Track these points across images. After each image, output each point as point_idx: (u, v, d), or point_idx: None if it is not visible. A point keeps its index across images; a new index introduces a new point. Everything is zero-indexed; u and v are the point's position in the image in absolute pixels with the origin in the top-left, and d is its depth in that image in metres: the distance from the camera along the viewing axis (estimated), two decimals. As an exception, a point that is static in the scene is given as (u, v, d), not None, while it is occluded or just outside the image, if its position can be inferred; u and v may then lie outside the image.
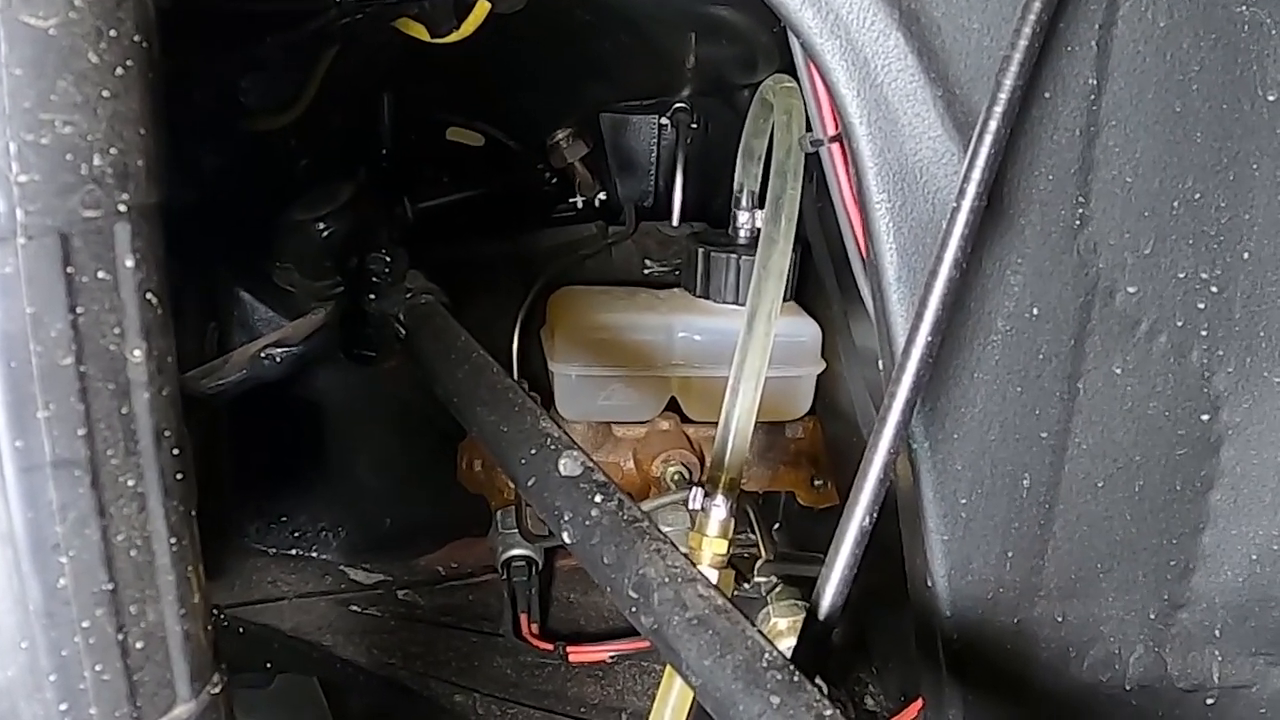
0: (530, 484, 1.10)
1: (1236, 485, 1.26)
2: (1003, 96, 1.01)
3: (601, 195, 2.34)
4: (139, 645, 0.68)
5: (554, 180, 2.34)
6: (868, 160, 1.10)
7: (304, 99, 1.69)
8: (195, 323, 1.95)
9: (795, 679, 0.83)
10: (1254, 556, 1.29)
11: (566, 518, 1.04)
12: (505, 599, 2.09)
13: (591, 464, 1.07)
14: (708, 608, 0.90)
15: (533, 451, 1.11)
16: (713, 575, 1.49)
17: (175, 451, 0.68)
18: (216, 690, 0.74)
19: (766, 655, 0.86)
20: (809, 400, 2.09)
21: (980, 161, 1.01)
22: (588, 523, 1.02)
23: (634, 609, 0.96)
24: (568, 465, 1.06)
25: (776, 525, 2.35)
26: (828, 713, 0.80)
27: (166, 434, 0.67)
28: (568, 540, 1.04)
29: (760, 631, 0.89)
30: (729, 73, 2.06)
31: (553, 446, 1.10)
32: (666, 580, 0.94)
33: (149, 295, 0.66)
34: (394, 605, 2.15)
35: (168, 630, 0.69)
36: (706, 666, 0.87)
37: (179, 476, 0.69)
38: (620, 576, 0.97)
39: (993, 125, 1.00)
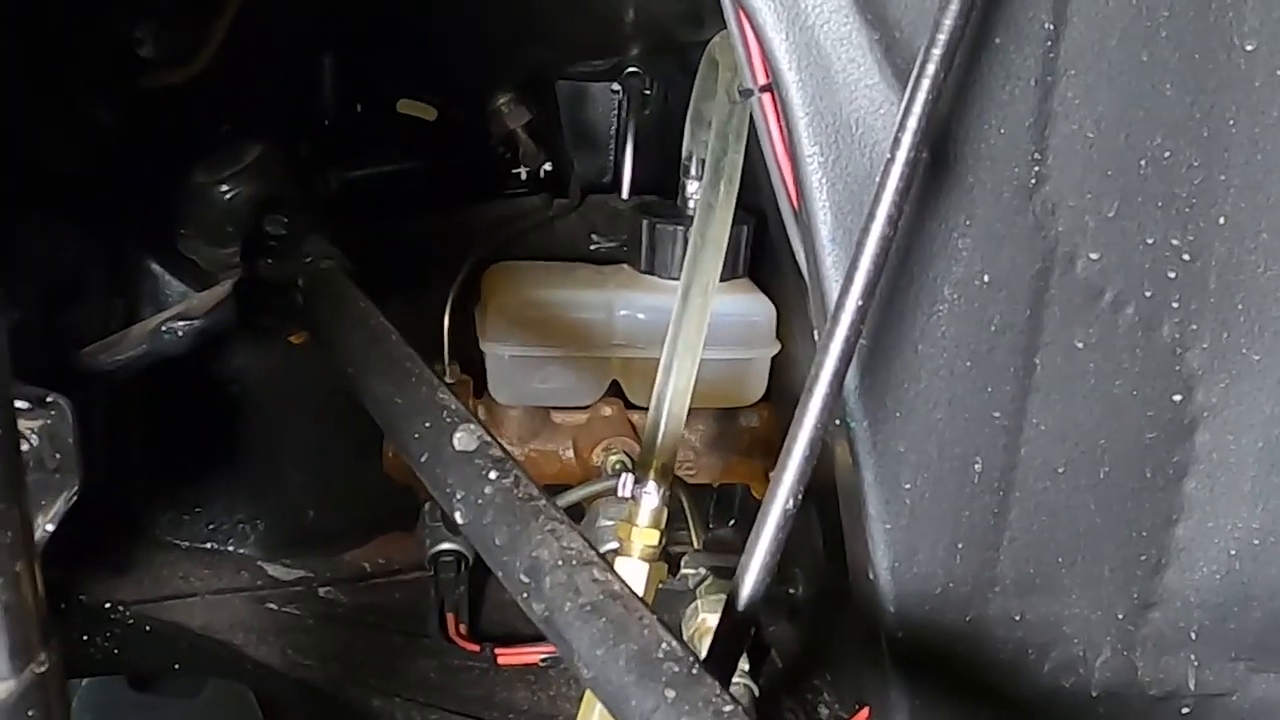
0: (423, 459, 1.08)
1: (1212, 473, 1.24)
2: (941, 38, 0.98)
3: (548, 166, 2.31)
4: (-51, 618, 0.65)
5: (506, 154, 2.31)
6: (799, 110, 1.08)
7: (206, 51, 1.67)
8: (102, 297, 1.91)
9: (694, 671, 0.81)
10: (1232, 551, 1.27)
11: (459, 496, 1.02)
12: (432, 597, 2.07)
13: (489, 438, 1.05)
14: (602, 593, 0.88)
15: (427, 424, 1.09)
16: (642, 569, 1.47)
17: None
18: (43, 669, 0.71)
19: (664, 645, 0.83)
20: (763, 385, 2.07)
21: (916, 109, 0.98)
22: (480, 501, 1.00)
23: (525, 595, 0.94)
24: (463, 439, 1.04)
25: (732, 521, 2.33)
26: (726, 708, 0.77)
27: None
28: (460, 520, 1.02)
29: (661, 619, 0.86)
30: (674, 29, 2.04)
31: (449, 420, 1.08)
32: (559, 563, 0.92)
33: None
34: (314, 604, 2.12)
35: (-16, 602, 0.66)
36: (598, 657, 0.85)
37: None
38: (512, 559, 0.95)
39: (930, 69, 0.98)
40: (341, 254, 1.62)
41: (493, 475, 1.01)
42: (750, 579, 1.01)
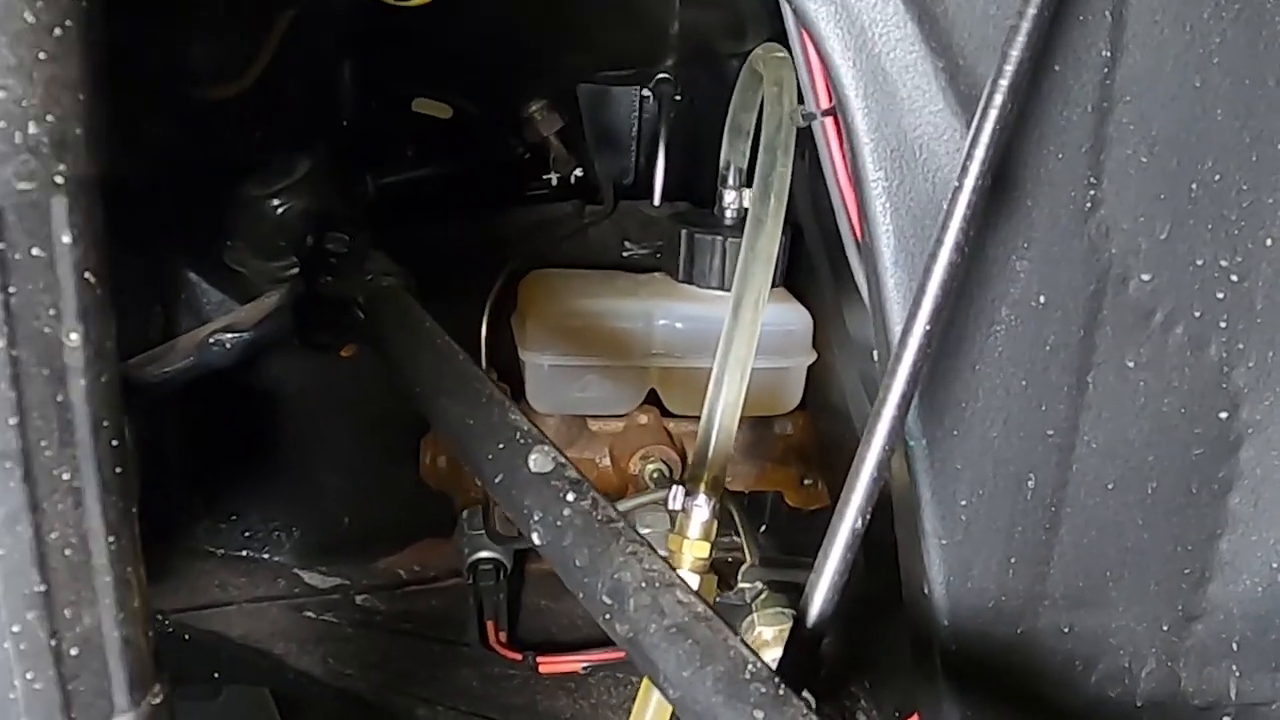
0: (498, 481, 1.09)
1: (1257, 488, 1.26)
2: (1009, 69, 1.00)
3: (578, 172, 2.32)
4: (73, 652, 0.67)
5: (527, 156, 2.32)
6: (863, 136, 1.10)
7: (257, 66, 1.68)
8: (140, 307, 1.93)
9: (780, 692, 0.83)
10: (1274, 564, 1.29)
11: (536, 517, 1.03)
12: (471, 605, 2.08)
13: (564, 460, 1.07)
14: (687, 615, 0.90)
15: (500, 446, 1.10)
16: (694, 580, 1.49)
17: (114, 443, 0.68)
18: (158, 700, 0.73)
19: (750, 666, 0.85)
20: (799, 394, 2.09)
21: (984, 138, 1.00)
22: (559, 523, 1.01)
23: (608, 616, 0.95)
24: (538, 461, 1.05)
25: (763, 528, 2.35)
26: (815, 728, 0.80)
27: (105, 424, 0.67)
28: (537, 541, 1.03)
29: (744, 641, 0.88)
30: (716, 40, 2.06)
31: (522, 441, 1.09)
32: (643, 585, 0.93)
33: (87, 274, 0.65)
34: (351, 611, 2.13)
35: (105, 636, 0.69)
36: (685, 678, 0.86)
37: (118, 470, 0.68)
38: (593, 581, 0.96)
39: (998, 99, 1.00)
40: (404, 272, 1.63)
41: (570, 497, 1.02)
42: (818, 598, 1.03)
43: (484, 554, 2.09)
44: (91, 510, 0.67)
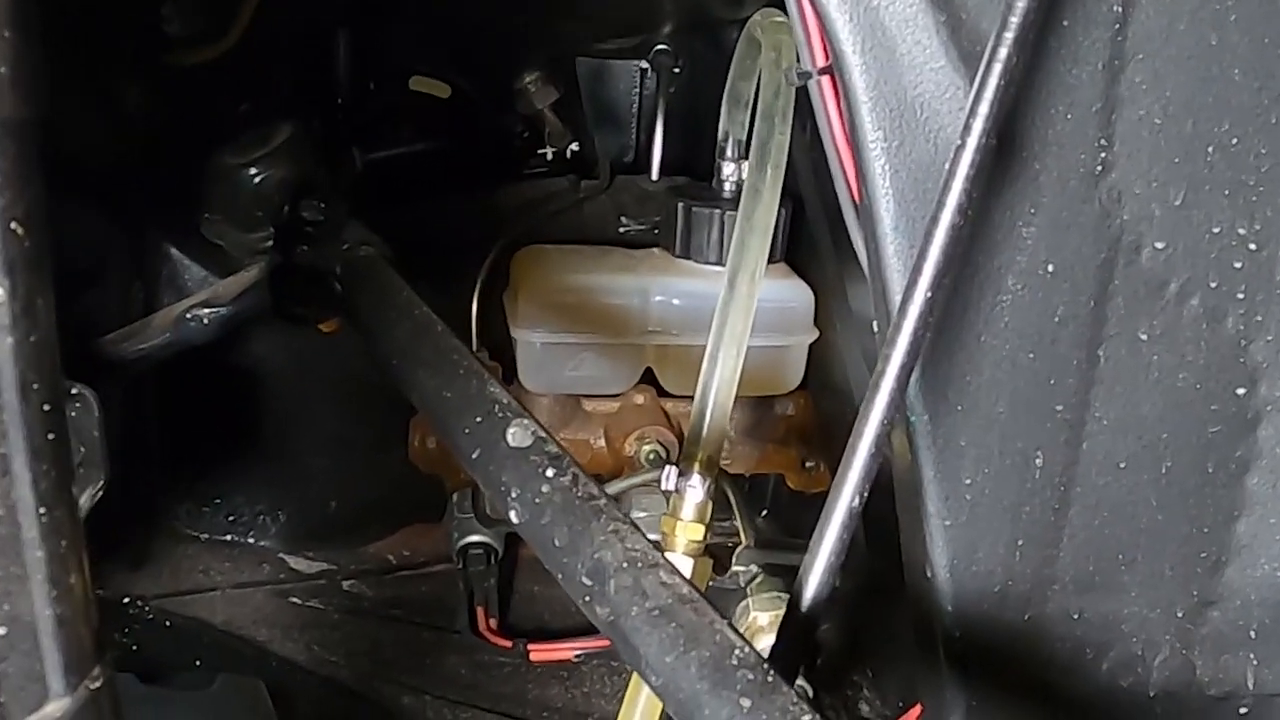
0: (475, 456, 1.06)
1: (1276, 468, 1.23)
2: (1014, 21, 0.97)
3: (574, 146, 2.31)
4: (1, 632, 0.64)
5: (525, 134, 2.30)
6: (861, 94, 1.07)
7: (235, 29, 1.66)
8: (119, 283, 1.91)
9: (769, 679, 0.80)
10: (1294, 548, 1.26)
11: (514, 494, 1.01)
12: (461, 591, 2.07)
13: (544, 434, 1.04)
14: (670, 597, 0.87)
15: (478, 420, 1.08)
16: (687, 565, 1.47)
17: (46, 407, 0.64)
18: (97, 685, 0.70)
19: (737, 652, 0.82)
20: (800, 373, 2.06)
21: (988, 94, 0.97)
22: (537, 500, 0.99)
23: (587, 598, 0.92)
24: (517, 435, 1.03)
25: (764, 512, 2.33)
26: (805, 718, 0.77)
27: (34, 386, 0.63)
28: (515, 520, 1.01)
29: (731, 625, 0.85)
30: (712, 6, 2.03)
31: (500, 414, 1.07)
32: (625, 565, 0.90)
33: (13, 224, 0.62)
34: (338, 597, 2.13)
35: (36, 615, 0.66)
36: (668, 664, 0.84)
37: (50, 436, 0.65)
38: (573, 561, 0.94)
39: (1002, 53, 0.97)
40: (382, 241, 1.60)
41: (550, 473, 0.99)
42: (814, 580, 1.00)
43: (474, 538, 2.07)
44: (20, 479, 0.63)
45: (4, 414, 0.62)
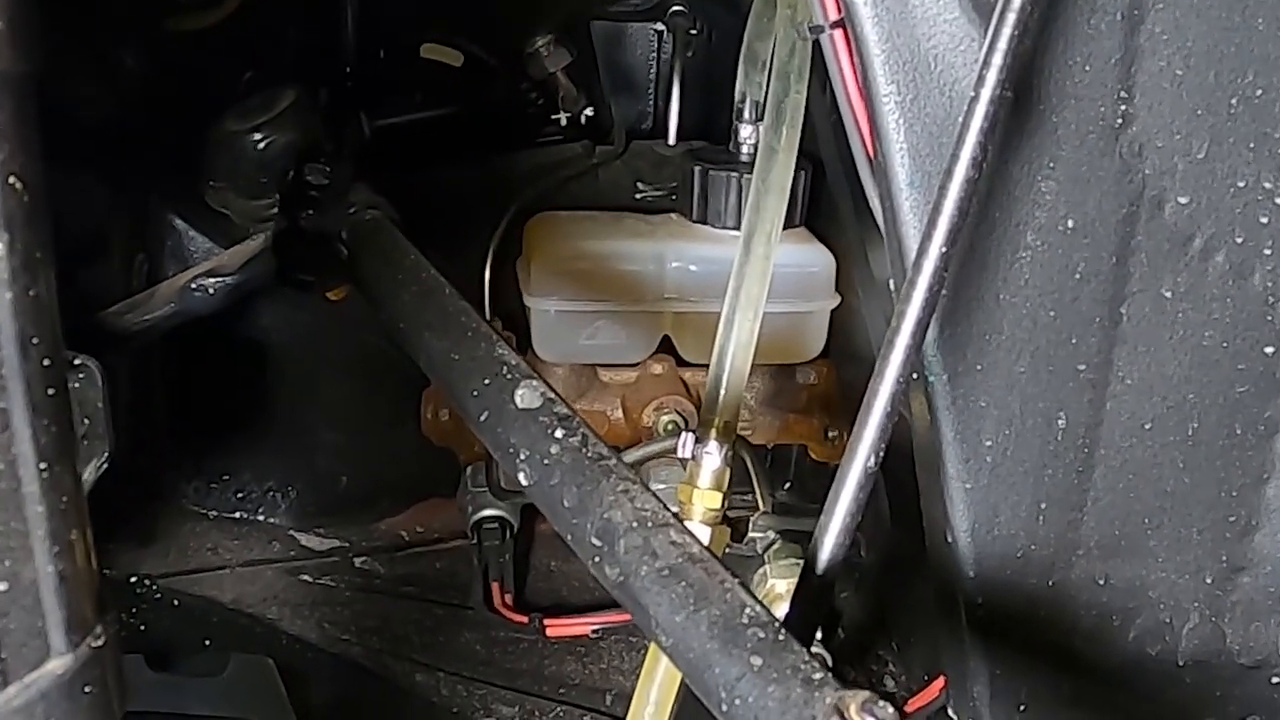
0: (483, 419, 1.07)
1: (1307, 429, 1.23)
2: (1029, -31, 0.98)
3: (588, 111, 2.30)
4: (2, 588, 0.66)
5: (538, 99, 2.30)
6: (874, 48, 1.07)
7: (234, -3, 1.67)
8: (122, 254, 1.92)
9: (780, 637, 0.81)
10: (1327, 512, 1.27)
11: (523, 456, 1.02)
12: (476, 567, 2.08)
13: (553, 395, 1.05)
14: (680, 556, 0.88)
15: (486, 382, 1.09)
16: (704, 533, 1.48)
17: (46, 363, 0.66)
18: (99, 643, 0.71)
19: (748, 610, 0.83)
20: (822, 340, 2.08)
21: (1001, 44, 0.98)
22: (546, 461, 1.00)
23: (597, 559, 0.94)
24: (525, 396, 1.04)
25: (787, 484, 2.34)
26: (816, 675, 0.78)
27: (34, 341, 0.65)
28: (524, 482, 1.02)
29: (743, 584, 0.86)
30: (728, -39, 2.04)
31: (509, 376, 1.08)
32: (634, 525, 0.92)
33: (12, 179, 0.63)
34: (350, 575, 2.14)
35: (38, 571, 0.67)
36: (678, 623, 0.85)
37: (51, 392, 0.67)
38: (582, 521, 0.95)
39: (1016, 2, 0.98)
40: (388, 203, 1.61)
41: (559, 434, 1.01)
42: (829, 541, 1.01)
43: (488, 512, 2.08)
44: (20, 434, 0.65)
45: (3, 369, 0.64)
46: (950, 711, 1.36)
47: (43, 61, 0.67)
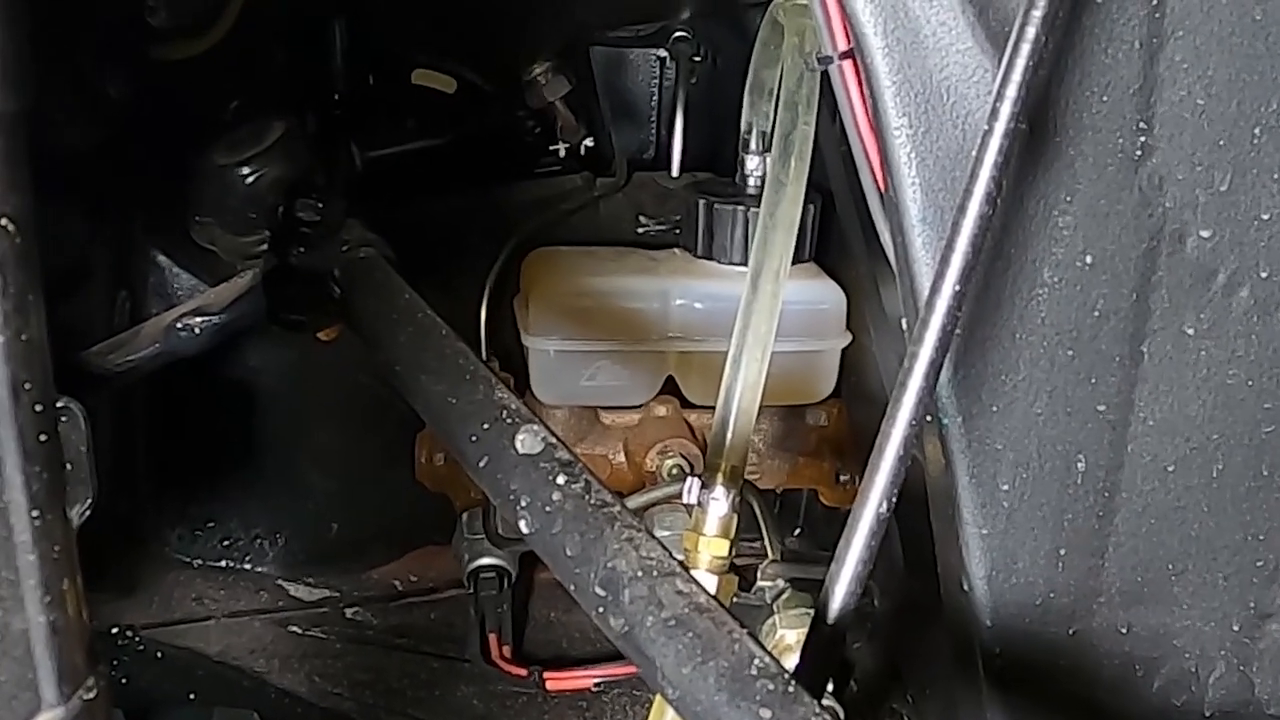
0: (482, 465, 1.08)
1: (1335, 470, 1.24)
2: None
3: (588, 141, 2.30)
4: (-7, 640, 0.67)
5: (537, 129, 2.31)
6: (885, 79, 1.09)
7: (223, 21, 1.68)
8: (104, 291, 1.93)
9: (790, 689, 0.82)
10: (1357, 558, 1.28)
11: (524, 503, 1.02)
12: (473, 617, 2.08)
13: (554, 439, 1.06)
14: (687, 606, 0.89)
15: (485, 426, 1.10)
16: (711, 582, 1.48)
17: (38, 408, 0.67)
18: (91, 695, 0.73)
19: (757, 661, 0.84)
20: (832, 380, 2.08)
21: (1016, 76, 0.99)
22: (548, 508, 1.00)
23: (601, 609, 0.94)
24: (526, 441, 1.05)
25: (797, 530, 2.34)
26: (827, 727, 0.79)
27: (27, 386, 0.66)
28: (525, 530, 1.02)
29: (751, 634, 0.87)
30: (734, -12, 2.05)
31: (509, 420, 1.08)
32: (639, 575, 0.92)
33: (4, 221, 0.65)
34: (341, 626, 2.14)
35: (30, 622, 0.68)
36: (685, 675, 0.86)
37: (42, 439, 0.68)
38: (585, 570, 0.96)
39: (1030, 32, 0.99)
40: (383, 241, 1.62)
41: (560, 480, 1.01)
42: (840, 590, 1.02)
43: (486, 560, 2.08)
44: (12, 481, 0.66)
45: (-6, 415, 0.65)
46: (967, 766, 1.37)
47: (34, 99, 0.69)
